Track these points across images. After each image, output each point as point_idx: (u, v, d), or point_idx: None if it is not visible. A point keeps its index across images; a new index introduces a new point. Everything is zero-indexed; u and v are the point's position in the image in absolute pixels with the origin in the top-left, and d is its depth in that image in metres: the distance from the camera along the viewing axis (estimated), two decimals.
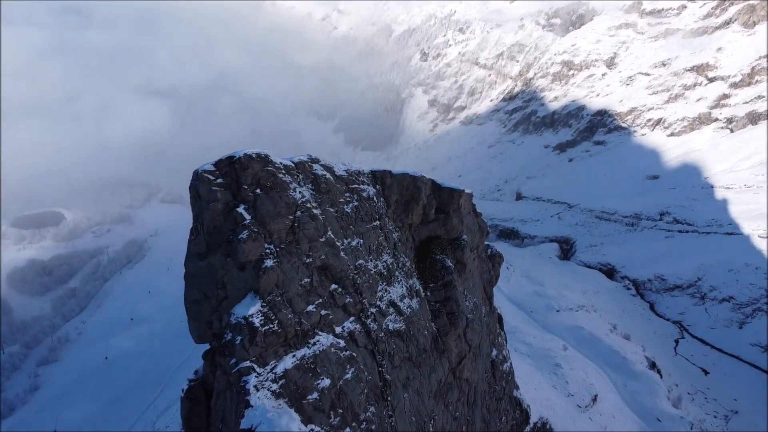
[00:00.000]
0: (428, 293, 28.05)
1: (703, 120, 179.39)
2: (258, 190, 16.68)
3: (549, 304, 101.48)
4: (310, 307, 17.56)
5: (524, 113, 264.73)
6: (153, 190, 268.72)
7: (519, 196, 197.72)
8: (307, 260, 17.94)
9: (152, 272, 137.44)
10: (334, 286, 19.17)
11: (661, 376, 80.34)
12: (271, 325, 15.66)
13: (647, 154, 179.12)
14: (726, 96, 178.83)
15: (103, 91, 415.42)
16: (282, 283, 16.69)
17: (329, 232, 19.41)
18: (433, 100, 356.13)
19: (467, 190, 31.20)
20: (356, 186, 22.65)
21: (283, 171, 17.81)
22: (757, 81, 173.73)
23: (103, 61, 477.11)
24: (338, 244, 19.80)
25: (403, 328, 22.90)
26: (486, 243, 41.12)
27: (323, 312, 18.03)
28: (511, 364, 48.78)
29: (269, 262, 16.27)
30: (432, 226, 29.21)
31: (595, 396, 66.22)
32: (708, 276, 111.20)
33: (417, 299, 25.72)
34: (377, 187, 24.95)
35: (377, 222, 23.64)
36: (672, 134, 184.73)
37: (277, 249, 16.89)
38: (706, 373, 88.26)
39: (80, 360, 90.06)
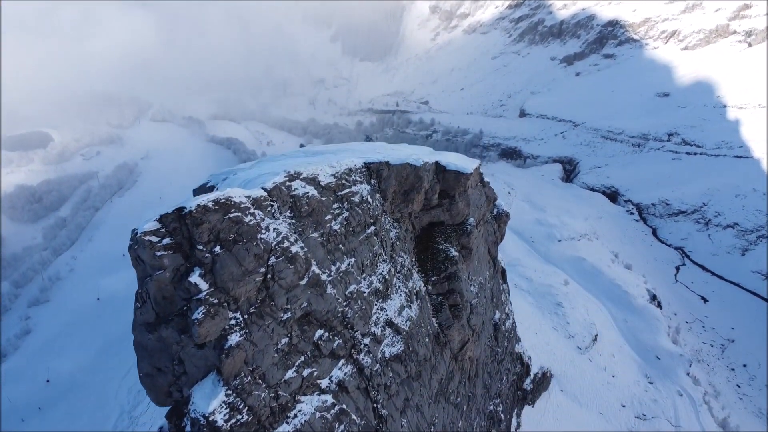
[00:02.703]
0: (430, 287, 25.31)
1: (720, 33, 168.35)
2: (218, 248, 12.95)
3: (550, 233, 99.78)
4: (290, 373, 14.60)
5: (531, 22, 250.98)
6: (143, 107, 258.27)
7: (522, 113, 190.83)
8: (285, 316, 14.74)
9: (144, 201, 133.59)
10: (319, 332, 16.17)
11: (661, 308, 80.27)
12: (240, 416, 12.72)
13: (659, 69, 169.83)
14: (746, 6, 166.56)
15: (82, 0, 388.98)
16: (253, 358, 13.56)
17: (313, 267, 16.10)
18: (434, 6, 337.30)
19: (474, 165, 27.51)
20: (347, 191, 19.04)
21: (252, 210, 14.07)
22: None
23: None
24: (324, 277, 16.60)
25: (402, 349, 20.30)
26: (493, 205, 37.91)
27: (306, 372, 15.16)
28: (513, 319, 47.25)
29: (235, 338, 12.96)
30: (435, 212, 25.88)
31: (596, 336, 65.97)
32: (714, 201, 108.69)
33: (417, 303, 22.99)
34: (372, 181, 21.26)
35: (372, 228, 20.32)
36: (686, 48, 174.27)
37: (246, 316, 13.58)
38: (706, 300, 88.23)
39: (71, 301, 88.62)
